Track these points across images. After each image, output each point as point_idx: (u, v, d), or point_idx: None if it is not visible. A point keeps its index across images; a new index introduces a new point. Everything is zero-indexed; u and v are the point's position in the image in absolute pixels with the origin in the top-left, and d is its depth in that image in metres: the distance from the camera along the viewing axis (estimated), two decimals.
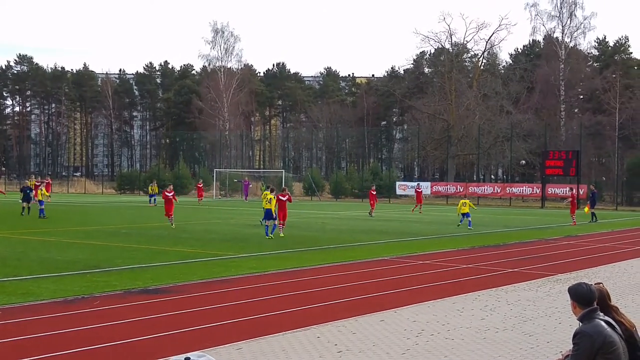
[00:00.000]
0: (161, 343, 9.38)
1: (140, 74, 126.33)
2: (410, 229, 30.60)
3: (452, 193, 62.10)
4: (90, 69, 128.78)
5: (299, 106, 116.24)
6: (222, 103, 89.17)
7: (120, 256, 18.84)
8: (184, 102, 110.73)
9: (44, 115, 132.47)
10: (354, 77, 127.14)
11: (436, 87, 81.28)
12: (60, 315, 11.12)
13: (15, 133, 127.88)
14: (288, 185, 68.26)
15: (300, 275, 15.90)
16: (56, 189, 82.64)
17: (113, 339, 9.47)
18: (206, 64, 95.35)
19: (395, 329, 10.31)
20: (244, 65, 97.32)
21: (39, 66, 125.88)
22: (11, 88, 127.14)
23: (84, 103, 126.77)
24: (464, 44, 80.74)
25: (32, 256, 18.66)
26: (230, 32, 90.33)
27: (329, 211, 45.61)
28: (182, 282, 14.51)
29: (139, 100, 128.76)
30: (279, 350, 9.01)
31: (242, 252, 20.13)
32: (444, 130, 74.04)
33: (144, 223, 31.86)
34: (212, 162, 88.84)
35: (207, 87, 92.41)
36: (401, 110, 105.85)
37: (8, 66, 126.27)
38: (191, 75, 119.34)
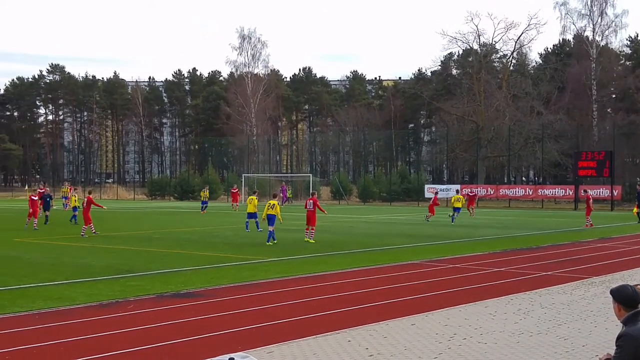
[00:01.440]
0: (193, 346, 9.46)
1: (169, 81, 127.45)
2: (440, 232, 30.44)
3: (483, 195, 61.64)
4: (120, 77, 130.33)
5: (326, 110, 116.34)
6: (250, 108, 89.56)
7: (153, 261, 19.03)
8: (212, 108, 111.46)
9: (76, 123, 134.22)
10: (381, 80, 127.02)
11: (464, 88, 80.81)
12: (95, 319, 11.26)
13: (49, 141, 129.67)
14: (316, 189, 68.38)
15: (329, 279, 15.91)
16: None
17: (146, 343, 9.57)
18: (233, 70, 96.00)
19: (427, 333, 10.26)
20: (270, 70, 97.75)
21: (70, 75, 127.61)
22: (44, 97, 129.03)
23: (115, 111, 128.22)
24: (493, 44, 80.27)
25: (67, 261, 18.92)
26: (257, 37, 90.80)
27: (356, 215, 45.55)
28: (213, 286, 14.61)
29: (168, 107, 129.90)
30: (310, 353, 9.02)
31: (272, 256, 20.20)
32: (473, 132, 73.57)
33: (175, 228, 32.11)
34: (240, 168, 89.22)
35: (235, 93, 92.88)
36: (429, 112, 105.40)
37: (41, 75, 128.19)
38: (219, 82, 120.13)
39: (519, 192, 61.78)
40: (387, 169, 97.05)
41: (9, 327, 10.60)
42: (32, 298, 13.08)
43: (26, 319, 11.25)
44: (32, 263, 18.70)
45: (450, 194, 62.43)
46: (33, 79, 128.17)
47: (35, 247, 23.24)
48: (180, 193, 77.52)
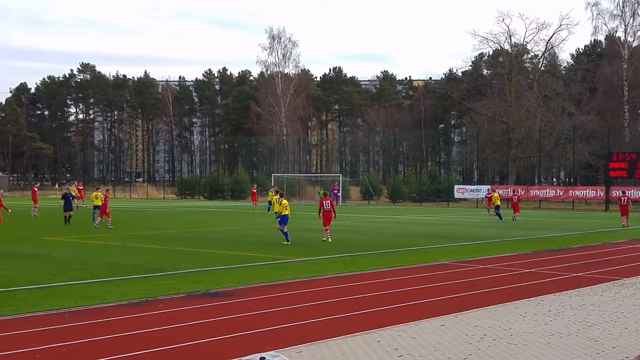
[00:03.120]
0: (223, 345, 9.49)
1: (199, 80, 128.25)
2: (470, 233, 30.24)
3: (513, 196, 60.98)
4: (150, 77, 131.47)
5: (356, 110, 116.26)
6: (280, 108, 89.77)
7: (183, 260, 19.14)
8: (242, 107, 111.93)
9: (106, 123, 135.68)
10: (411, 80, 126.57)
11: (495, 88, 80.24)
12: (125, 318, 11.34)
13: (79, 140, 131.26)
14: (345, 189, 68.39)
15: (358, 279, 15.87)
16: (119, 195, 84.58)
17: (177, 341, 9.62)
18: (264, 69, 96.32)
19: (457, 334, 10.18)
20: (300, 70, 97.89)
21: (101, 74, 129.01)
22: (75, 96, 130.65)
23: (145, 110, 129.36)
24: (524, 44, 79.55)
25: (97, 260, 19.10)
26: (287, 37, 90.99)
27: (386, 215, 45.43)
28: (243, 286, 14.65)
29: (198, 106, 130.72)
30: (339, 353, 9.00)
31: (301, 256, 20.21)
32: (503, 132, 73.03)
33: (204, 227, 32.29)
34: (270, 167, 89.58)
35: (265, 92, 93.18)
36: (459, 112, 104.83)
37: (71, 74, 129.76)
38: (249, 82, 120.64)
39: (550, 193, 61.17)
40: (417, 169, 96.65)
41: (40, 325, 10.72)
42: (63, 296, 13.22)
43: (57, 317, 11.36)
44: (63, 261, 18.90)
45: (480, 194, 62.14)
46: (64, 78, 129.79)
47: (66, 245, 23.50)
48: (210, 192, 77.98)
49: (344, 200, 65.26)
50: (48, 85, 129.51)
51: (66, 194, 34.10)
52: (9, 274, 16.20)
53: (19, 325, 10.62)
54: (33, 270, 17.08)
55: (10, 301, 12.67)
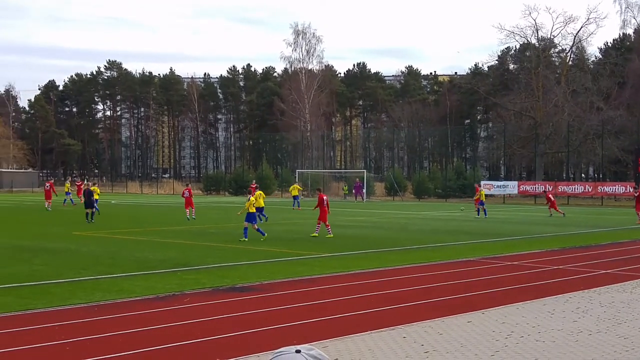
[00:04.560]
0: (248, 340, 9.52)
1: (224, 77, 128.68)
2: (497, 229, 30.03)
3: (541, 192, 60.52)
4: (176, 74, 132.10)
5: (380, 106, 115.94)
6: (304, 104, 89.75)
7: (209, 255, 19.25)
8: (266, 104, 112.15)
9: (133, 119, 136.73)
10: (436, 75, 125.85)
11: (522, 83, 79.49)
12: (152, 311, 11.43)
13: (107, 136, 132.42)
14: (370, 185, 68.23)
15: (383, 275, 15.84)
16: (146, 190, 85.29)
17: (203, 336, 9.68)
18: (288, 65, 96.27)
19: (484, 330, 10.13)
20: (324, 66, 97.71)
21: (127, 71, 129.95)
22: (102, 93, 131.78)
23: (171, 107, 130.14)
24: (551, 38, 78.72)
25: (125, 255, 19.28)
26: (311, 33, 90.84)
27: (411, 211, 45.28)
28: (268, 281, 14.69)
29: (223, 103, 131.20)
30: (364, 349, 8.99)
31: (326, 252, 20.22)
32: (531, 127, 72.40)
33: (229, 223, 32.40)
34: (294, 163, 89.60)
35: (289, 88, 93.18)
36: (486, 108, 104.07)
37: (99, 72, 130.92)
38: (273, 78, 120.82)
39: (578, 189, 60.52)
40: (443, 165, 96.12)
41: (69, 318, 10.84)
42: (91, 290, 13.36)
43: (86, 310, 11.48)
44: (91, 256, 19.10)
45: (507, 190, 61.71)
46: (91, 75, 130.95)
47: (94, 240, 23.74)
48: (235, 188, 78.20)
49: (369, 196, 65.12)
50: (76, 83, 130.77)
51: (86, 190, 33.32)
52: (40, 268, 16.42)
53: (49, 319, 10.76)
54: (63, 264, 17.28)
55: (40, 295, 12.84)
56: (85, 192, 33.13)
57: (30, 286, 13.83)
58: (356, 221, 34.61)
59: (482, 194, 38.77)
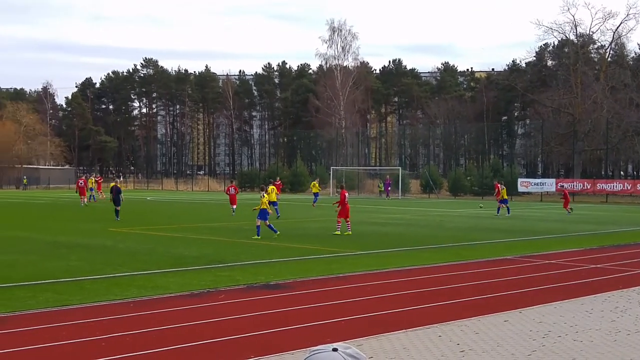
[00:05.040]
0: (282, 337, 9.50)
1: (259, 74, 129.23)
2: (534, 227, 29.66)
3: (579, 190, 59.71)
4: (211, 71, 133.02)
5: (416, 102, 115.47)
6: (339, 101, 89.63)
7: (243, 252, 19.30)
8: (301, 101, 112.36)
9: (169, 117, 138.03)
10: (473, 72, 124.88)
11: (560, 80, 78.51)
12: (187, 308, 11.48)
13: (143, 134, 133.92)
14: (405, 182, 67.87)
15: (418, 273, 15.72)
16: (181, 187, 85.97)
17: (237, 332, 9.68)
18: (323, 62, 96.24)
19: (520, 330, 9.99)
20: (360, 62, 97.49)
21: (163, 69, 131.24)
22: (138, 91, 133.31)
23: (206, 104, 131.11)
24: (590, 34, 77.59)
25: (160, 251, 19.43)
26: (347, 30, 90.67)
27: (447, 209, 44.95)
28: (302, 278, 14.67)
29: (258, 100, 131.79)
30: (399, 347, 8.92)
31: (360, 249, 20.14)
32: (569, 124, 71.45)
33: None
34: (328, 160, 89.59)
35: (324, 85, 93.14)
36: (523, 104, 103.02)
37: (135, 69, 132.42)
38: (308, 75, 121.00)
39: (617, 186, 59.50)
40: (479, 163, 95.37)
41: (105, 314, 10.93)
42: (127, 286, 13.47)
43: (121, 306, 11.57)
44: (127, 252, 19.28)
45: (544, 188, 60.95)
46: (127, 73, 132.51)
47: (130, 236, 23.97)
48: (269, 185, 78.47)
49: (404, 194, 64.79)
50: (112, 80, 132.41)
51: (114, 187, 32.91)
52: (77, 264, 16.60)
53: (86, 314, 10.86)
54: (99, 260, 17.46)
55: (77, 290, 12.98)
56: (112, 189, 32.87)
57: (66, 282, 13.99)
58: (391, 218, 34.47)
59: (504, 192, 38.40)
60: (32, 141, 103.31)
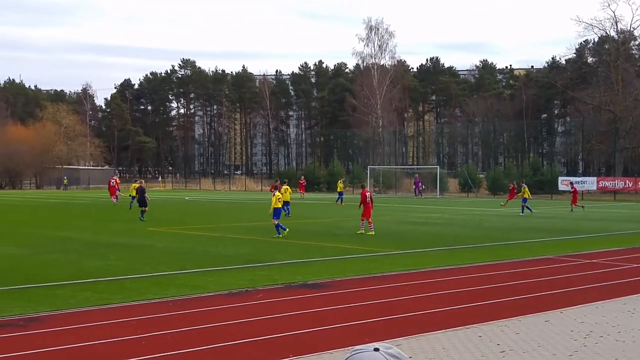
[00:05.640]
0: (320, 337, 9.49)
1: (295, 74, 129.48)
2: (575, 226, 29.21)
3: (620, 189, 58.67)
4: (248, 71, 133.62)
5: (454, 101, 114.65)
6: (375, 100, 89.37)
7: (280, 251, 19.33)
8: (337, 100, 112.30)
9: (206, 117, 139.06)
10: (512, 69, 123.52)
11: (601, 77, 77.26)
12: (225, 307, 11.53)
13: (180, 134, 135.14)
14: (443, 181, 67.41)
15: (457, 273, 15.58)
16: (219, 187, 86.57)
17: (275, 331, 9.70)
18: (359, 61, 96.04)
19: (562, 330, 9.84)
20: (397, 61, 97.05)
21: (201, 70, 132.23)
22: (176, 91, 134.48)
23: (243, 104, 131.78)
24: (631, 31, 76.16)
25: (199, 251, 19.56)
26: (384, 28, 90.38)
27: (486, 208, 44.52)
28: (340, 277, 14.64)
29: (294, 99, 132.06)
30: (439, 348, 8.85)
31: (398, 249, 20.04)
32: (610, 122, 70.26)
33: (300, 219, 32.53)
34: (365, 159, 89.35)
35: (361, 84, 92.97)
36: (563, 102, 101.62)
37: (173, 70, 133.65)
38: (344, 74, 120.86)
39: None
40: (519, 161, 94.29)
41: (144, 313, 11.03)
42: (165, 285, 13.58)
43: (161, 305, 11.66)
44: (166, 251, 19.44)
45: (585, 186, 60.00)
46: (165, 74, 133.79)
47: (168, 236, 24.18)
48: (306, 185, 78.57)
49: (442, 193, 64.32)
50: (151, 81, 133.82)
51: (139, 188, 32.46)
52: (117, 264, 16.79)
53: (126, 313, 10.98)
54: (138, 259, 17.64)
55: (117, 289, 13.12)
56: (138, 189, 32.60)
57: (106, 281, 14.15)
58: (429, 218, 34.25)
59: (526, 190, 37.94)
60: (72, 142, 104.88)
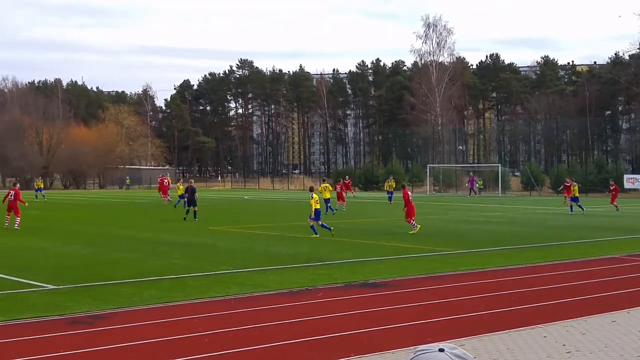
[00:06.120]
0: (382, 336, 9.42)
1: (353, 72, 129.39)
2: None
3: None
4: (305, 70, 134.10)
5: (515, 98, 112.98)
6: (434, 98, 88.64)
7: (339, 250, 19.30)
8: (395, 98, 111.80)
9: (264, 116, 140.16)
10: (574, 65, 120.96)
11: None
12: (286, 306, 11.56)
13: (239, 134, 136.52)
14: (505, 180, 66.33)
15: (521, 272, 15.29)
16: (277, 186, 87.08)
17: (337, 331, 9.67)
18: (417, 59, 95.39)
19: (629, 331, 9.58)
20: (456, 58, 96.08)
21: (258, 70, 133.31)
22: (234, 91, 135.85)
23: (301, 103, 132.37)
24: None
25: (258, 249, 19.68)
26: (442, 25, 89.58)
27: (549, 206, 43.65)
28: (401, 277, 14.54)
29: (352, 98, 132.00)
30: (503, 348, 8.70)
31: (460, 248, 19.79)
32: None
33: (359, 218, 32.46)
34: (424, 158, 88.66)
35: (419, 82, 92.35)
36: (628, 98, 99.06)
37: (231, 71, 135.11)
38: (402, 72, 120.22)
39: None
40: (582, 159, 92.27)
41: (206, 311, 11.14)
42: (227, 284, 13.70)
43: (223, 303, 11.76)
44: (226, 250, 19.63)
45: None
46: (224, 74, 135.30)
47: (229, 235, 24.41)
48: (365, 184, 78.41)
49: (504, 191, 63.31)
50: (209, 82, 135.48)
51: (189, 187, 31.88)
52: (179, 262, 17.02)
53: (188, 311, 11.10)
54: (200, 258, 17.86)
55: (179, 287, 13.28)
56: (188, 189, 31.94)
57: (169, 279, 14.34)
58: (491, 216, 33.77)
59: (576, 189, 36.91)
60: (134, 142, 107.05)
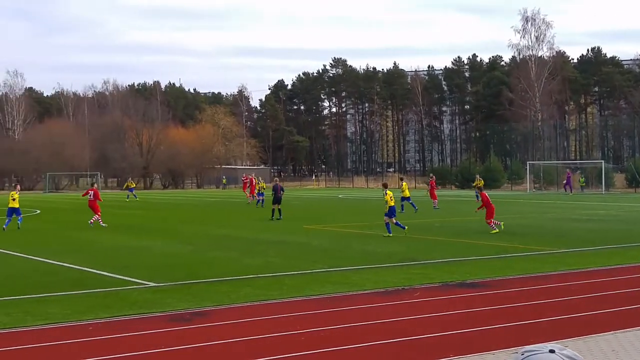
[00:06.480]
0: (481, 336, 9.23)
1: (448, 69, 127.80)
2: None
3: None
4: (400, 68, 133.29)
5: (618, 92, 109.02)
6: (534, 93, 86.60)
7: (435, 249, 19.04)
8: (493, 94, 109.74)
9: (358, 115, 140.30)
10: None
11: None
12: (382, 305, 11.47)
13: (333, 132, 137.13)
14: (608, 177, 63.89)
15: (626, 272, 14.67)
16: (372, 185, 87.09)
17: (436, 330, 9.55)
18: (516, 54, 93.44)
19: None
20: (555, 52, 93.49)
21: (352, 68, 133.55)
22: (328, 90, 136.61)
23: (395, 101, 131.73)
24: None
25: (353, 248, 19.65)
26: (541, 19, 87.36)
27: None
28: (500, 277, 14.19)
29: (448, 95, 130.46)
30: (608, 350, 8.37)
31: (561, 247, 19.15)
32: None
33: (455, 217, 31.97)
34: (524, 155, 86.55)
35: (517, 77, 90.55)
36: None
37: (324, 70, 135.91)
38: (500, 67, 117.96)
39: None
40: None
41: (303, 309, 11.17)
42: (323, 282, 13.71)
43: (318, 302, 11.78)
44: (321, 249, 19.69)
45: None
46: (317, 74, 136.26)
47: (323, 233, 24.48)
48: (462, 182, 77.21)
49: (607, 188, 60.96)
50: (303, 81, 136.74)
51: (275, 186, 31.88)
52: (275, 260, 17.19)
53: (284, 309, 11.17)
54: (295, 256, 17.98)
55: (275, 285, 13.39)
56: (274, 187, 31.93)
57: (265, 277, 14.48)
58: (594, 214, 32.58)
59: None
60: (230, 142, 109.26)
